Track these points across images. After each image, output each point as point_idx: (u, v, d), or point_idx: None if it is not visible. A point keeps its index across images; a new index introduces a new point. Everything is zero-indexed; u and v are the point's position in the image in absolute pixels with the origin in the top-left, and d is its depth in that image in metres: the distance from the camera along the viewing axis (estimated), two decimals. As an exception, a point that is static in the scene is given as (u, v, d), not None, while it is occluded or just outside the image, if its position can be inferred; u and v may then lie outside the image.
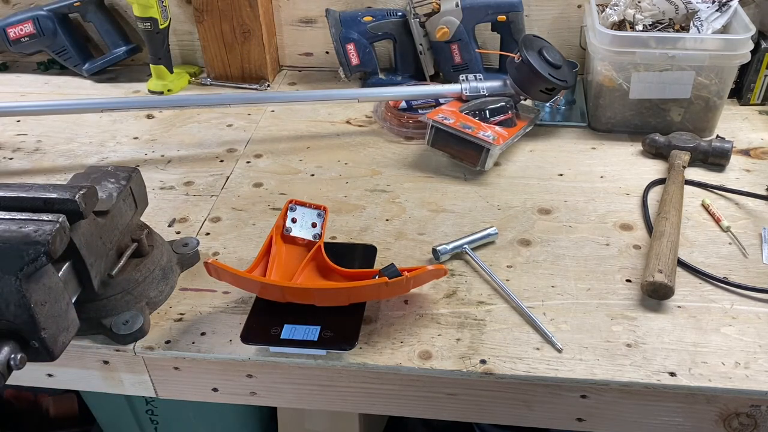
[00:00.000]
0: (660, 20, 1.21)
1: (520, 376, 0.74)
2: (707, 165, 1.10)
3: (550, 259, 0.91)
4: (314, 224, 0.89)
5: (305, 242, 0.89)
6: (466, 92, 1.16)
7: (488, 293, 0.85)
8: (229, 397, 0.84)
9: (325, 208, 0.90)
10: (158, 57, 1.36)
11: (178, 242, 0.91)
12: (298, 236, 0.89)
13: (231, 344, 0.79)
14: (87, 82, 1.45)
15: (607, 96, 1.17)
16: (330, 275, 0.85)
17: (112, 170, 0.84)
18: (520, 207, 1.02)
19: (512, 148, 1.15)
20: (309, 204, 0.90)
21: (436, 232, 0.96)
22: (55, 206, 0.68)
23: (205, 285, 0.87)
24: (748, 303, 0.83)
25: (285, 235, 0.89)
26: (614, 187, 1.06)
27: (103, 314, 0.78)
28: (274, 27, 1.44)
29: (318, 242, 0.87)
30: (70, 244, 0.69)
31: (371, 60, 1.35)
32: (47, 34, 1.39)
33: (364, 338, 0.78)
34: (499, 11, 1.29)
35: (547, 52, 1.12)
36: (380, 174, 1.10)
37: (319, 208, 0.90)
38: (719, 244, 0.93)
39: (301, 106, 1.32)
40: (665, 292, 0.82)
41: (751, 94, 1.27)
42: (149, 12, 1.29)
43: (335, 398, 0.82)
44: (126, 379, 0.83)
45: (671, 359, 0.75)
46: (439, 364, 0.75)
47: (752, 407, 0.74)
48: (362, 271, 0.83)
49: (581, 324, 0.80)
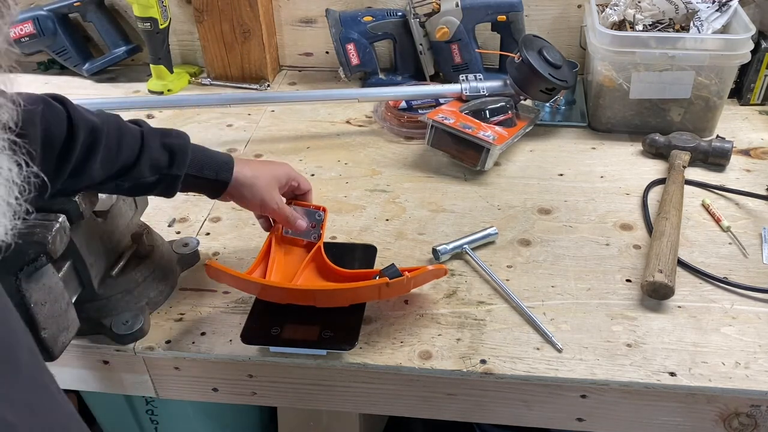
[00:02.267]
0: (660, 20, 1.21)
1: (520, 376, 0.74)
2: (707, 165, 1.10)
3: (550, 259, 0.91)
4: (313, 225, 0.89)
5: (305, 243, 0.89)
6: (466, 92, 1.16)
7: (488, 293, 0.85)
8: (229, 397, 0.84)
9: (324, 209, 0.90)
10: (158, 57, 1.36)
11: (178, 242, 0.91)
12: (298, 237, 0.89)
13: (231, 344, 0.79)
14: (87, 82, 1.45)
15: (607, 96, 1.17)
16: (330, 276, 0.85)
17: (112, 170, 0.84)
18: (520, 207, 1.02)
19: (512, 148, 1.15)
20: (308, 205, 0.90)
21: (436, 232, 0.96)
22: (55, 206, 0.68)
23: (205, 285, 0.87)
24: (748, 303, 0.83)
25: (284, 237, 0.89)
26: (614, 187, 1.06)
27: (103, 314, 0.78)
28: (274, 27, 1.44)
29: (318, 243, 0.87)
30: (70, 244, 0.69)
31: (371, 60, 1.35)
32: (47, 34, 1.39)
33: (364, 338, 0.78)
34: (499, 11, 1.29)
35: (547, 52, 1.12)
36: (380, 174, 1.10)
37: (319, 208, 0.90)
38: (719, 244, 0.93)
39: (301, 106, 1.32)
40: (665, 292, 0.82)
41: (751, 94, 1.27)
42: (149, 12, 1.29)
43: (335, 398, 0.82)
44: (126, 379, 0.83)
45: (671, 359, 0.75)
46: (439, 364, 0.75)
47: (752, 407, 0.74)
48: (362, 272, 0.83)
49: (581, 324, 0.80)
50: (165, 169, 0.74)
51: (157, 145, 0.74)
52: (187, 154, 0.75)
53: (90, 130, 0.68)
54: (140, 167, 0.72)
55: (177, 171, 0.74)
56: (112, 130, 0.70)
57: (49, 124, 0.64)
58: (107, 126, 0.70)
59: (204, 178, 0.77)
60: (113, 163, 0.70)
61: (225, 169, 0.78)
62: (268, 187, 0.82)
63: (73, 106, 0.68)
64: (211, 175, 0.77)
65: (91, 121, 0.68)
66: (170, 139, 0.75)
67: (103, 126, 0.69)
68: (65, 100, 0.68)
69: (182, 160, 0.75)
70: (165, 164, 0.74)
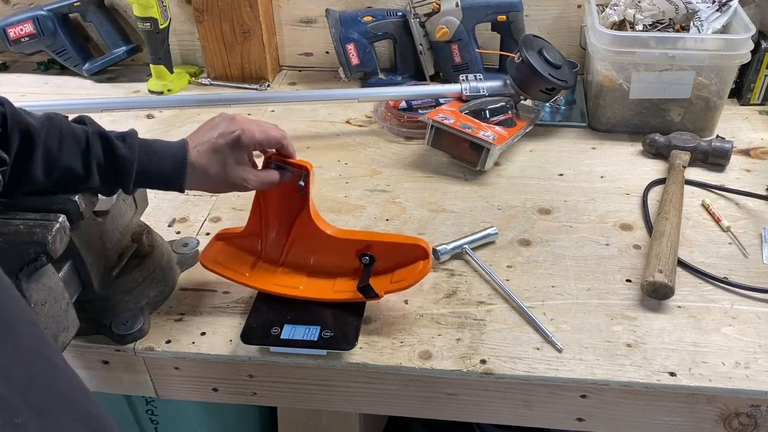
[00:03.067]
0: (660, 20, 1.21)
1: (520, 376, 0.74)
2: (707, 165, 1.10)
3: (550, 259, 0.91)
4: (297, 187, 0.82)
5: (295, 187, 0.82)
6: (466, 92, 1.16)
7: (488, 293, 0.85)
8: (229, 397, 0.84)
9: (307, 169, 0.80)
10: (158, 57, 1.36)
11: (178, 242, 0.91)
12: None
13: (231, 344, 0.79)
14: (87, 82, 1.45)
15: (607, 96, 1.17)
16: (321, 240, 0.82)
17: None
18: (520, 207, 1.02)
19: (512, 148, 1.15)
20: (290, 162, 0.81)
21: (436, 232, 0.96)
22: (55, 206, 0.68)
23: (205, 285, 0.87)
24: (748, 303, 0.83)
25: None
26: (614, 187, 1.06)
27: (103, 314, 0.78)
28: (274, 27, 1.44)
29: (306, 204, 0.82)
30: (70, 244, 0.69)
31: (371, 60, 1.35)
32: (47, 34, 1.39)
33: (364, 338, 0.78)
34: (499, 11, 1.29)
35: (547, 52, 1.12)
36: (380, 174, 1.10)
37: (301, 167, 0.81)
38: (719, 244, 0.93)
39: (301, 106, 1.32)
40: (665, 292, 0.82)
41: (751, 94, 1.27)
42: (149, 12, 1.29)
43: (335, 398, 0.82)
44: (126, 379, 0.83)
45: (671, 359, 0.75)
46: (439, 364, 0.75)
47: (752, 407, 0.74)
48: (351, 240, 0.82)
49: (581, 324, 0.80)
50: (109, 183, 0.71)
51: (101, 158, 0.70)
52: (132, 171, 0.71)
53: (24, 132, 0.65)
54: (87, 179, 0.69)
55: (121, 185, 0.72)
56: (52, 133, 0.67)
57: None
58: (45, 129, 0.67)
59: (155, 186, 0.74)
60: (55, 168, 0.67)
61: (175, 177, 0.73)
62: (227, 172, 0.76)
63: (12, 107, 0.66)
64: (161, 187, 0.74)
65: (27, 122, 0.66)
66: (115, 151, 0.70)
67: (41, 129, 0.66)
68: (4, 101, 0.66)
69: (126, 176, 0.71)
70: (109, 178, 0.71)
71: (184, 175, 0.74)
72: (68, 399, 0.42)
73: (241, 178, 0.77)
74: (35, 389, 0.39)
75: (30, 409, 0.37)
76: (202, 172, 0.75)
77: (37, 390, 0.39)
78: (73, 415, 0.41)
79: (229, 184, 0.77)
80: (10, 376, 0.37)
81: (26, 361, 0.40)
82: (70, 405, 0.41)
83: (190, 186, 0.75)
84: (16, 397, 0.36)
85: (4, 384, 0.36)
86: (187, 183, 0.74)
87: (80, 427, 0.41)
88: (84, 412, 0.42)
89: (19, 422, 0.35)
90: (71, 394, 0.42)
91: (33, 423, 0.36)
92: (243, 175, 0.77)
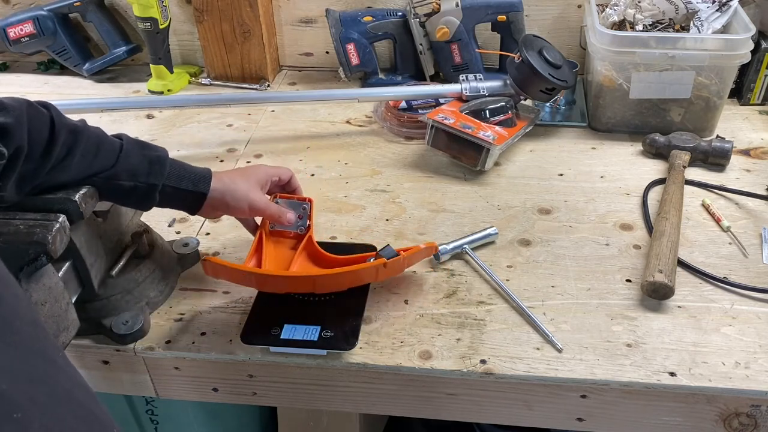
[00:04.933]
0: (660, 20, 1.21)
1: (520, 376, 0.74)
2: (707, 165, 1.10)
3: (550, 259, 0.91)
4: (300, 216, 0.89)
5: (293, 235, 0.89)
6: (466, 92, 1.16)
7: (488, 293, 0.85)
8: (229, 397, 0.84)
9: (309, 200, 0.91)
10: (158, 57, 1.36)
11: (178, 242, 0.91)
12: (285, 230, 0.89)
13: (231, 344, 0.79)
14: (87, 82, 1.45)
15: (607, 96, 1.17)
16: (324, 263, 0.85)
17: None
18: (520, 207, 1.02)
19: (512, 148, 1.15)
20: (293, 197, 0.91)
21: (436, 232, 0.96)
22: (55, 206, 0.68)
23: (205, 285, 0.87)
24: (748, 303, 0.83)
25: (272, 231, 0.89)
26: (614, 187, 1.06)
27: (103, 314, 0.78)
28: (274, 27, 1.44)
29: (307, 233, 0.88)
30: (70, 244, 0.69)
31: (371, 60, 1.35)
32: (47, 34, 1.39)
33: (364, 338, 0.78)
34: (499, 11, 1.29)
35: (547, 52, 1.12)
36: (380, 174, 1.10)
37: (303, 200, 0.90)
38: (719, 244, 0.93)
39: (301, 106, 1.32)
40: (665, 292, 0.82)
41: (751, 94, 1.27)
42: (149, 12, 1.29)
43: (335, 398, 0.82)
44: (126, 379, 0.83)
45: (671, 359, 0.75)
46: (439, 364, 0.75)
47: (752, 407, 0.74)
48: (355, 257, 0.84)
49: (581, 324, 0.80)
50: (143, 177, 0.74)
51: (136, 154, 0.75)
52: (165, 165, 0.76)
53: (71, 131, 0.70)
54: (116, 171, 0.73)
55: (154, 180, 0.75)
56: (92, 136, 0.72)
57: (32, 124, 0.66)
58: (88, 131, 0.72)
59: (182, 190, 0.77)
60: (90, 166, 0.71)
61: (203, 181, 0.79)
62: (250, 189, 0.83)
63: (56, 110, 0.70)
64: (189, 187, 0.78)
65: (72, 124, 0.71)
66: (149, 150, 0.76)
67: (84, 129, 0.71)
68: (49, 105, 0.70)
69: (160, 170, 0.75)
70: (143, 172, 0.74)
71: (211, 177, 0.79)
72: (71, 397, 0.42)
73: (264, 200, 0.85)
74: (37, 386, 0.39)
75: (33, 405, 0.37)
76: (229, 180, 0.81)
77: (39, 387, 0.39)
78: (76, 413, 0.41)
79: (250, 200, 0.82)
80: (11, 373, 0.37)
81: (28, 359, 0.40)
82: (73, 403, 0.41)
83: (213, 194, 0.79)
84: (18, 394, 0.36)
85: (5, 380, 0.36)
86: (214, 184, 0.79)
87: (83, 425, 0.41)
88: (87, 412, 0.42)
89: (18, 417, 0.35)
90: (74, 393, 0.42)
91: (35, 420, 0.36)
92: (265, 199, 0.85)
